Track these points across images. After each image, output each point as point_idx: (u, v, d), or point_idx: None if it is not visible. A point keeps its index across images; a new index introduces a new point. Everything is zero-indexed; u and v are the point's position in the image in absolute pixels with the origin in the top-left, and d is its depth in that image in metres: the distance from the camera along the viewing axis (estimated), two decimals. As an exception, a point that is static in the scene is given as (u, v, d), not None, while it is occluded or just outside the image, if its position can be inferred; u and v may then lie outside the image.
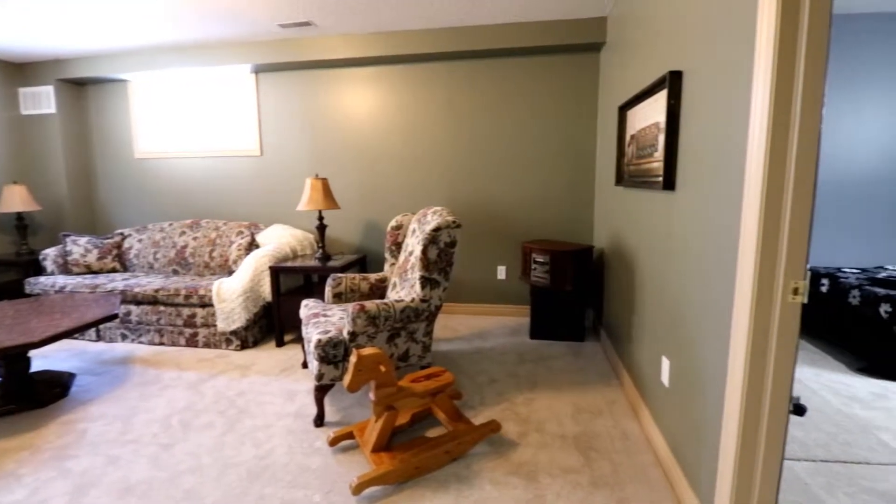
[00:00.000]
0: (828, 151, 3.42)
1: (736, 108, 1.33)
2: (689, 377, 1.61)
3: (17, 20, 3.08)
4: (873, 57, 3.29)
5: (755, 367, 1.23)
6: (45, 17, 3.03)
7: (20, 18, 3.06)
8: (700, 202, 1.56)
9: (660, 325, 1.94)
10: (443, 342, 3.19)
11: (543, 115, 3.50)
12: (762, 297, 1.20)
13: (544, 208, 3.60)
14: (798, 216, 1.15)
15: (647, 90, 2.10)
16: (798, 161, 1.13)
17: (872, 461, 1.86)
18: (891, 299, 2.64)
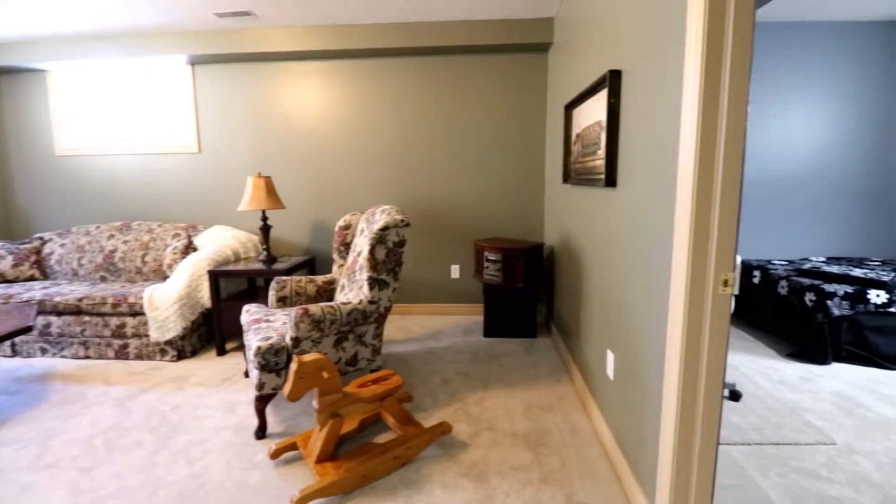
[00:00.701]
0: (757, 151, 3.63)
1: (669, 108, 1.36)
2: (632, 370, 1.64)
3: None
4: (795, 63, 3.53)
5: (690, 357, 1.26)
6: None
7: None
8: (638, 199, 1.59)
9: (604, 319, 1.98)
10: (396, 344, 3.12)
11: (494, 114, 3.51)
12: (695, 289, 1.23)
13: (496, 206, 3.61)
14: (726, 212, 1.18)
15: (590, 89, 2.13)
16: (726, 159, 1.17)
17: (800, 442, 1.97)
18: (814, 289, 2.83)
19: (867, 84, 3.52)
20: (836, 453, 1.90)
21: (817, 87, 3.55)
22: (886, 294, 2.70)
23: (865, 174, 3.63)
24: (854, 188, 3.65)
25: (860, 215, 3.68)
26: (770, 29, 3.49)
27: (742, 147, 1.17)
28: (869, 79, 3.52)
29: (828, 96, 3.55)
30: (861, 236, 3.71)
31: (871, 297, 2.70)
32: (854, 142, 3.59)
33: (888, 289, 2.72)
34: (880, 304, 2.70)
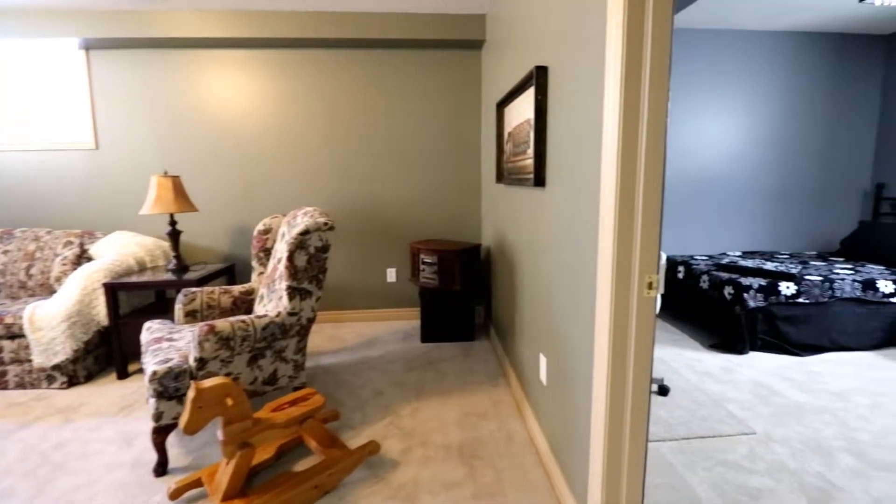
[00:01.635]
0: (680, 152, 3.80)
1: (592, 106, 1.30)
2: (563, 374, 1.59)
3: None
4: (711, 68, 3.72)
5: (617, 361, 1.21)
6: None
7: None
8: (566, 200, 1.54)
9: (537, 322, 1.93)
10: (327, 355, 2.93)
11: (429, 112, 3.40)
12: (620, 292, 1.18)
13: (433, 206, 3.50)
14: (649, 213, 1.14)
15: (519, 86, 2.08)
16: (647, 161, 1.12)
17: (724, 433, 2.03)
18: (732, 283, 2.98)
19: (775, 90, 3.79)
20: (756, 443, 1.97)
21: (730, 93, 3.77)
22: (795, 286, 2.89)
23: (772, 174, 3.91)
24: (763, 187, 3.92)
25: (769, 212, 3.96)
26: (687, 35, 3.65)
27: (663, 148, 1.13)
28: (776, 85, 3.79)
29: (740, 101, 3.78)
30: (771, 231, 3.99)
31: (782, 290, 2.88)
32: (763, 144, 3.86)
33: (796, 281, 2.91)
34: (790, 296, 2.88)
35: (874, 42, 3.80)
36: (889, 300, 2.93)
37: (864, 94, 3.85)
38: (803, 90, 3.81)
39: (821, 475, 1.75)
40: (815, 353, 2.90)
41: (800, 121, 3.85)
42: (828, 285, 2.90)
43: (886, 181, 3.85)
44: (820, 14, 3.32)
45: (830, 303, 2.90)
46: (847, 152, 3.92)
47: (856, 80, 3.83)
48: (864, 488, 1.68)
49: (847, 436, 2.01)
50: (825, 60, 3.78)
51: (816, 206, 3.99)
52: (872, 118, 3.90)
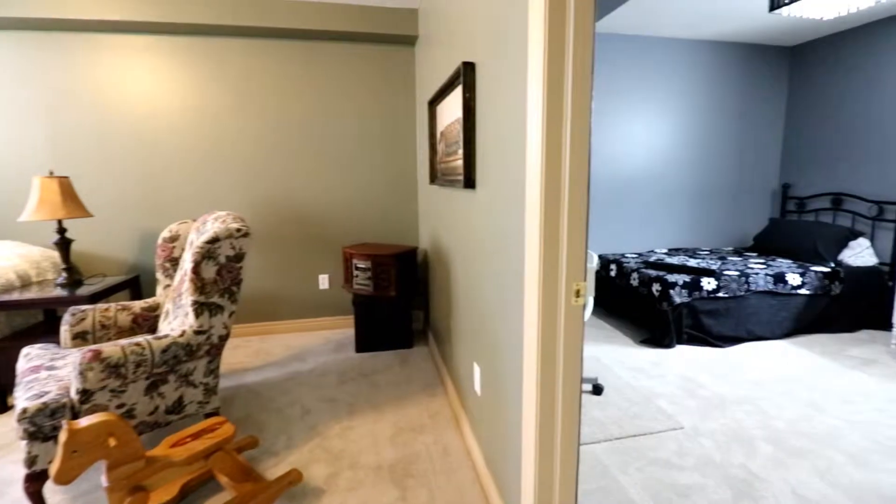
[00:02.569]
0: (611, 153, 3.91)
1: (518, 106, 1.24)
2: (496, 385, 1.52)
3: None
4: (637, 73, 3.86)
5: (546, 371, 1.15)
6: None
7: None
8: (494, 203, 1.47)
9: (471, 329, 1.85)
10: (251, 372, 2.69)
11: (363, 110, 3.24)
12: (548, 301, 1.11)
13: (368, 209, 3.35)
14: (575, 218, 1.09)
15: (449, 83, 1.99)
16: (572, 163, 1.06)
17: (655, 430, 2.06)
18: (660, 280, 3.09)
19: (695, 95, 4.00)
20: (685, 437, 2.02)
21: (656, 97, 3.93)
22: (715, 281, 3.04)
23: (694, 175, 4.12)
24: (686, 187, 4.13)
25: (692, 210, 4.18)
26: (616, 40, 3.76)
27: (587, 153, 1.08)
28: (697, 91, 4.00)
29: (665, 105, 3.96)
30: (693, 229, 4.22)
31: (704, 285, 3.03)
32: (685, 146, 4.06)
33: (716, 276, 3.07)
34: (711, 291, 3.03)
35: (781, 53, 4.12)
36: (797, 292, 3.16)
37: (772, 101, 4.17)
38: (719, 96, 4.05)
39: (744, 466, 1.81)
40: (734, 343, 3.08)
41: (716, 125, 4.09)
42: (744, 280, 3.08)
43: (792, 181, 4.19)
44: (734, 24, 3.53)
45: (747, 296, 3.09)
46: (758, 155, 4.23)
47: (765, 87, 4.13)
48: (783, 477, 1.75)
49: (766, 424, 2.12)
50: (738, 69, 4.04)
51: (732, 204, 4.26)
52: (779, 123, 4.23)
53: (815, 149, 3.96)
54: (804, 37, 3.86)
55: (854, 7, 2.33)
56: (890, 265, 3.38)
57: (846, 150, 3.71)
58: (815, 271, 3.22)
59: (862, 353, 2.94)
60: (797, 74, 4.09)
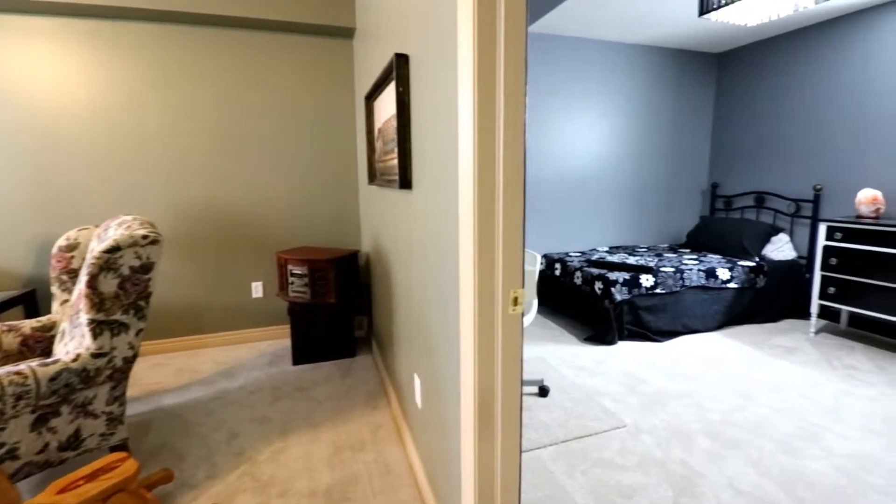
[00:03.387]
0: (554, 153, 3.94)
1: (450, 102, 1.15)
2: (436, 397, 1.43)
3: None
4: (578, 75, 3.92)
5: (484, 384, 1.07)
6: None
7: None
8: (430, 205, 1.37)
9: (411, 339, 1.75)
10: (173, 393, 2.44)
11: (299, 105, 3.04)
12: (484, 310, 1.03)
13: (306, 211, 3.15)
14: (511, 223, 1.01)
15: (383, 77, 1.87)
16: (506, 167, 0.99)
17: (599, 430, 2.06)
18: (602, 278, 3.13)
19: (632, 98, 4.12)
20: (627, 435, 2.02)
21: (596, 98, 4.00)
22: (653, 278, 3.13)
23: (632, 174, 4.26)
24: (625, 186, 4.25)
25: (630, 209, 4.32)
26: (557, 41, 3.79)
27: (522, 151, 1.01)
28: (633, 93, 4.12)
29: (604, 107, 4.05)
30: (632, 227, 4.36)
31: (643, 282, 3.10)
32: (623, 147, 4.18)
33: (654, 273, 3.16)
34: (649, 287, 3.11)
35: (709, 59, 4.34)
36: (726, 286, 3.32)
37: (701, 104, 4.39)
38: (654, 99, 4.20)
39: (684, 462, 1.84)
40: (671, 337, 3.18)
41: (652, 127, 4.24)
42: (679, 276, 3.20)
43: (720, 181, 4.43)
44: (666, 30, 3.66)
45: (682, 291, 3.20)
46: (689, 155, 4.44)
47: (694, 92, 4.33)
48: (720, 470, 1.79)
49: (702, 417, 2.17)
50: (671, 73, 4.21)
51: (667, 203, 4.45)
52: (707, 126, 4.46)
53: (739, 150, 4.21)
54: (729, 44, 4.08)
55: (775, 15, 2.46)
56: (807, 258, 3.64)
57: (767, 151, 3.96)
58: (742, 266, 3.40)
59: (785, 341, 3.13)
60: (723, 80, 4.32)
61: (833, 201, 3.47)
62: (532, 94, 3.77)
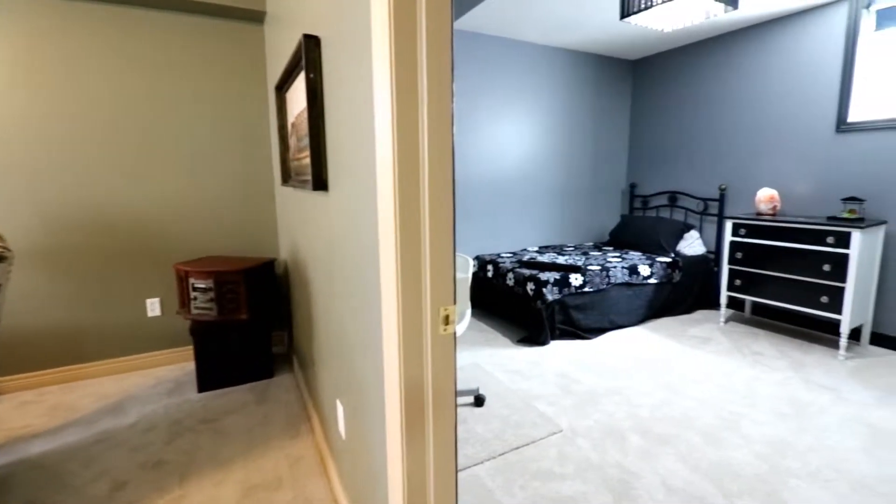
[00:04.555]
0: (484, 154, 3.89)
1: (364, 91, 0.98)
2: (360, 427, 1.25)
3: None
4: (511, 76, 3.90)
5: (412, 414, 0.92)
6: None
7: None
8: (349, 209, 1.19)
9: (332, 359, 1.55)
10: (43, 439, 2.01)
11: (203, 96, 2.67)
12: (410, 331, 0.88)
13: (214, 216, 2.79)
14: (440, 229, 0.87)
15: (293, 63, 1.66)
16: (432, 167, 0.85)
17: (536, 438, 1.99)
18: (534, 279, 3.12)
19: (557, 100, 4.19)
20: (563, 441, 1.98)
21: (525, 100, 4.01)
22: (582, 276, 3.17)
23: (559, 175, 4.34)
24: (552, 186, 4.32)
25: (558, 209, 4.40)
26: (485, 41, 3.74)
27: (450, 147, 0.87)
28: (558, 96, 4.19)
29: (532, 108, 4.07)
30: (560, 226, 4.44)
31: (572, 281, 3.13)
32: (551, 148, 4.24)
33: (582, 272, 3.20)
34: (578, 286, 3.15)
35: (626, 65, 4.53)
36: (647, 281, 3.46)
37: (620, 108, 4.58)
38: (576, 102, 4.31)
39: (619, 464, 1.82)
40: (600, 334, 3.25)
41: (575, 129, 4.35)
42: (605, 273, 3.27)
43: (637, 181, 4.65)
44: (587, 34, 3.75)
45: (608, 289, 3.28)
46: (610, 157, 4.62)
47: (613, 96, 4.51)
48: (654, 469, 1.79)
49: (633, 413, 2.19)
50: (591, 77, 4.35)
51: (591, 202, 4.59)
52: (625, 129, 4.67)
53: (653, 152, 4.44)
54: (644, 52, 4.29)
55: (689, 21, 2.57)
56: (715, 253, 3.92)
57: (678, 153, 4.21)
58: (660, 262, 3.56)
59: (699, 332, 3.32)
60: (638, 86, 4.55)
61: (737, 200, 3.77)
62: (459, 93, 3.69)
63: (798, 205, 3.36)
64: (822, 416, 2.16)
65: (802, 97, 3.27)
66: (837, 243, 2.72)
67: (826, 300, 2.80)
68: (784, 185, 3.43)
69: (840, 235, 2.71)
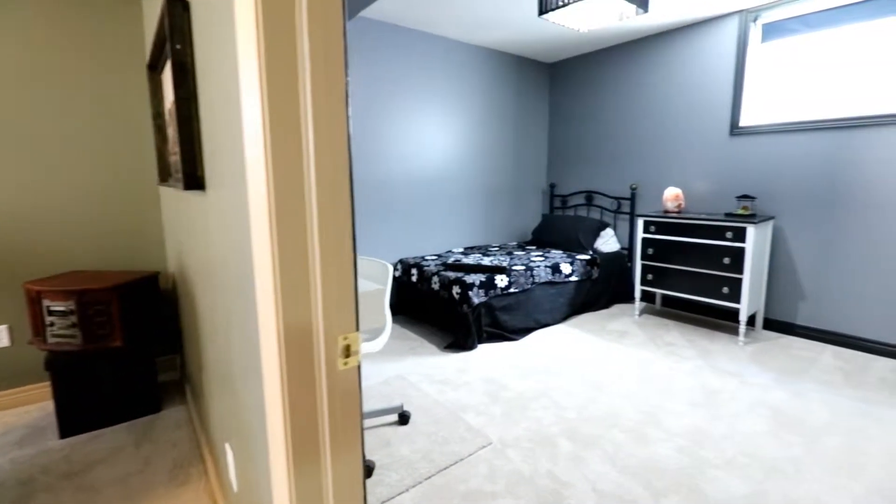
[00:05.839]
0: (403, 152, 3.71)
1: (230, 69, 0.76)
2: (250, 477, 1.02)
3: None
4: (432, 73, 3.75)
5: (303, 468, 0.72)
6: None
7: None
8: (229, 212, 0.96)
9: (222, 391, 1.29)
10: None
11: (71, 80, 2.19)
12: (297, 367, 0.68)
13: (78, 222, 2.32)
14: (334, 240, 0.68)
15: (161, 34, 1.36)
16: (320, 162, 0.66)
17: (465, 454, 1.86)
18: (459, 282, 3.00)
19: (479, 99, 4.12)
20: (493, 454, 1.87)
21: (448, 97, 3.89)
22: (507, 277, 3.12)
23: (483, 174, 4.28)
24: (477, 186, 4.26)
25: (482, 209, 4.35)
26: (404, 34, 3.56)
27: (345, 139, 0.69)
28: (481, 94, 4.12)
29: (455, 106, 3.96)
30: (484, 226, 4.40)
31: (498, 282, 3.06)
32: (474, 147, 4.17)
33: (507, 273, 3.15)
34: (504, 287, 3.09)
35: (543, 68, 4.60)
36: (569, 279, 3.51)
37: (539, 109, 4.65)
38: (498, 102, 4.28)
39: (550, 473, 1.74)
40: (526, 334, 3.22)
41: (497, 128, 4.33)
42: (529, 273, 3.25)
43: (556, 181, 4.75)
44: (505, 33, 3.71)
45: (532, 288, 3.27)
46: (531, 157, 4.67)
47: (532, 97, 4.56)
48: (584, 475, 1.73)
49: (560, 417, 2.15)
50: (511, 78, 4.35)
51: (514, 202, 4.61)
52: (544, 130, 4.75)
53: (570, 153, 4.56)
54: (559, 55, 4.38)
55: (604, 23, 2.61)
56: (628, 249, 4.09)
57: (592, 154, 4.36)
58: (580, 259, 3.64)
59: (617, 326, 3.43)
60: (554, 88, 4.64)
61: (647, 199, 3.96)
62: (379, 86, 3.48)
63: (700, 203, 3.60)
64: (732, 402, 2.27)
65: (701, 102, 3.51)
66: (735, 238, 2.92)
67: (727, 290, 3.00)
68: (687, 185, 3.66)
69: (737, 231, 2.91)
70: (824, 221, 2.98)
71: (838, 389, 2.40)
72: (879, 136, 2.73)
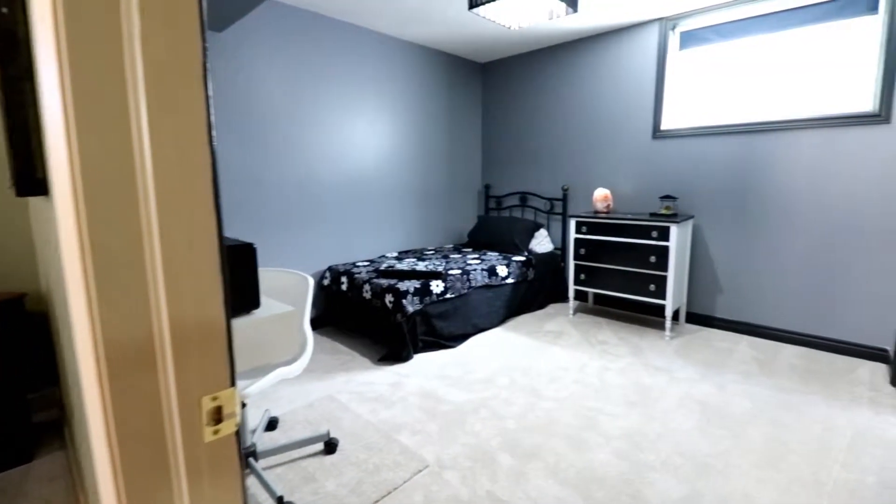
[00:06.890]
0: (332, 153, 3.46)
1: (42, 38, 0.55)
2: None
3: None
4: (361, 69, 3.52)
5: None
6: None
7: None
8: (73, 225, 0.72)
9: (84, 445, 1.03)
10: None
11: None
12: (139, 446, 0.50)
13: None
14: (192, 270, 0.50)
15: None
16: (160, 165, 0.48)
17: (399, 483, 1.70)
18: (392, 290, 2.83)
19: (410, 97, 3.96)
20: (430, 479, 1.73)
21: (378, 95, 3.68)
22: (443, 283, 2.99)
23: (416, 176, 4.13)
24: (410, 188, 4.10)
25: (416, 211, 4.20)
26: (330, 24, 3.31)
27: (205, 136, 0.51)
28: (412, 93, 3.96)
29: (386, 104, 3.76)
30: (419, 229, 4.25)
31: (434, 289, 2.93)
32: (407, 148, 4.01)
33: (444, 278, 3.03)
34: (440, 294, 2.97)
35: (475, 68, 4.54)
36: (505, 282, 3.46)
37: (472, 110, 4.58)
38: (431, 101, 4.16)
39: (491, 494, 1.63)
40: (463, 340, 3.12)
41: (431, 128, 4.20)
42: (466, 277, 3.16)
43: (491, 182, 4.72)
44: (437, 29, 3.59)
45: (469, 293, 3.17)
46: (465, 158, 4.60)
47: (465, 97, 4.49)
48: (525, 492, 1.64)
49: (500, 428, 2.05)
50: (443, 76, 4.24)
51: (449, 203, 4.51)
52: (478, 131, 4.69)
53: (504, 154, 4.55)
54: (491, 56, 4.34)
55: (534, 20, 2.57)
56: (561, 250, 4.14)
57: (525, 156, 4.37)
58: (516, 261, 3.61)
59: (553, 326, 3.43)
60: (488, 88, 4.61)
61: (578, 199, 4.02)
62: (294, 79, 3.21)
63: (627, 203, 3.71)
64: (663, 399, 2.31)
65: (626, 106, 3.61)
66: (660, 237, 3.01)
67: (654, 287, 3.09)
68: (615, 185, 3.76)
69: (661, 230, 3.01)
70: (737, 219, 3.17)
71: (755, 379, 2.53)
72: (780, 141, 2.94)
